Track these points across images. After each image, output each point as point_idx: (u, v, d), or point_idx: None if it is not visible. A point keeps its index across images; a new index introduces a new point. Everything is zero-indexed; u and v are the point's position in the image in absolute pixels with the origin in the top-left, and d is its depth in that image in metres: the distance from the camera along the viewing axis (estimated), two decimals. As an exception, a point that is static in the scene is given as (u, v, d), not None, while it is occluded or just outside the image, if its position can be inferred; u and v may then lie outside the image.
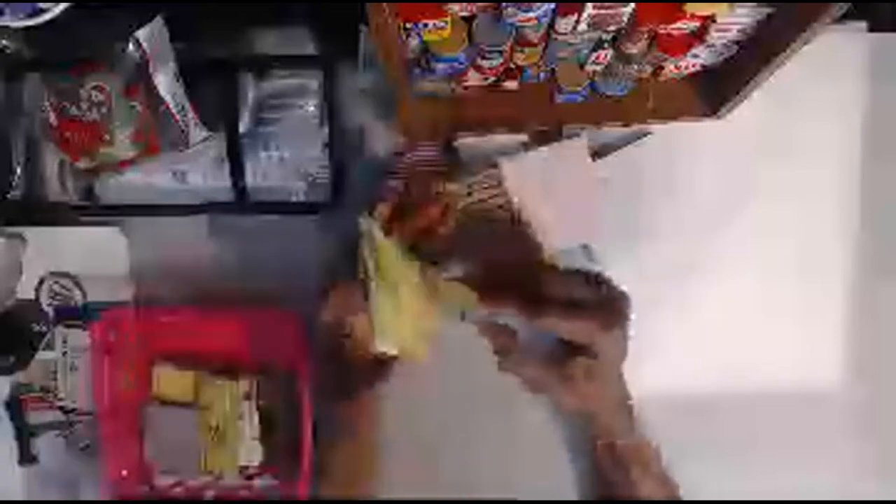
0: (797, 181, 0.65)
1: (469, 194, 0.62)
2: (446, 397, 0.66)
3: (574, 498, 0.64)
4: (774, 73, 0.52)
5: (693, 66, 0.56)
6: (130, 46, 0.61)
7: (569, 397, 0.53)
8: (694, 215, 0.65)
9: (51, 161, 0.66)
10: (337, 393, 0.59)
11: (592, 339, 0.49)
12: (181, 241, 0.67)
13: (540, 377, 0.52)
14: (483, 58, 0.53)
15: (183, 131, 0.63)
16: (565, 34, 0.49)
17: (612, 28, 0.49)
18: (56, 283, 0.68)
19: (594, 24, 0.47)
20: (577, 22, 0.46)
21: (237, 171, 0.64)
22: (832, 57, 0.62)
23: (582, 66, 0.57)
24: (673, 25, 0.48)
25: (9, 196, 0.66)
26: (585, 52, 0.54)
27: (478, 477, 0.65)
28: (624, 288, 0.51)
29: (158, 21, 0.61)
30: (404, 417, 0.64)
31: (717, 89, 0.60)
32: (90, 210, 0.67)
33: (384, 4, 0.43)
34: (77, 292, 0.68)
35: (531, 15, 0.46)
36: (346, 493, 0.60)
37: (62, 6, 0.61)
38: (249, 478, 0.66)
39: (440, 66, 0.54)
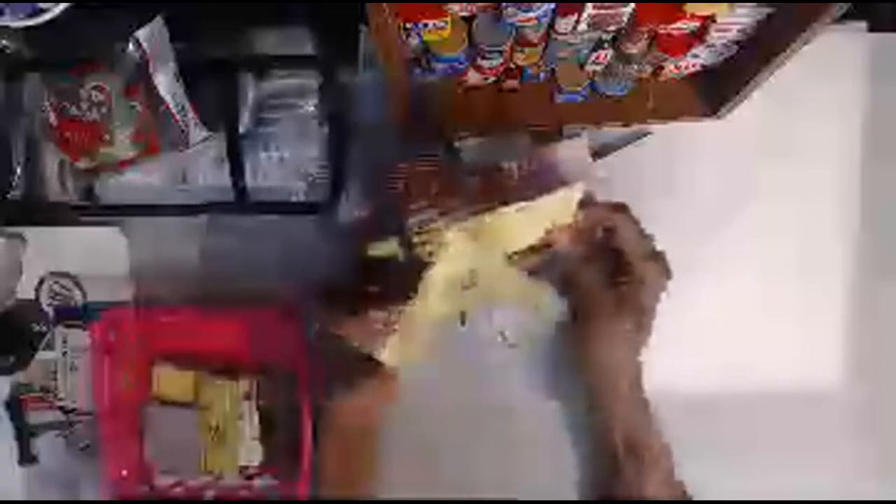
0: (797, 181, 0.65)
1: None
2: (446, 398, 0.66)
3: (574, 498, 0.64)
4: (774, 73, 0.52)
5: (693, 66, 0.56)
6: (130, 46, 0.61)
7: (609, 321, 0.58)
8: (694, 215, 0.65)
9: (51, 161, 0.66)
10: (334, 392, 0.59)
11: (645, 264, 0.56)
12: (181, 241, 0.67)
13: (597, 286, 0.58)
14: (483, 58, 0.53)
15: (183, 131, 0.63)
16: (565, 34, 0.49)
17: (612, 28, 0.49)
18: (56, 283, 0.68)
19: (594, 24, 0.47)
20: (577, 22, 0.46)
21: (237, 171, 0.64)
22: (832, 57, 0.62)
23: (582, 66, 0.57)
24: (673, 25, 0.48)
25: (9, 196, 0.66)
26: (585, 52, 0.54)
27: (478, 477, 0.65)
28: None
29: (158, 21, 0.61)
30: (404, 418, 0.63)
31: (717, 89, 0.60)
32: (90, 210, 0.67)
33: (384, 4, 0.43)
34: (77, 292, 0.68)
35: (531, 15, 0.46)
36: (345, 494, 0.59)
37: (62, 6, 0.61)
38: (249, 478, 0.66)
39: (440, 66, 0.54)
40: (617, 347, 0.58)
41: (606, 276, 0.58)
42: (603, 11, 0.45)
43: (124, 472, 0.64)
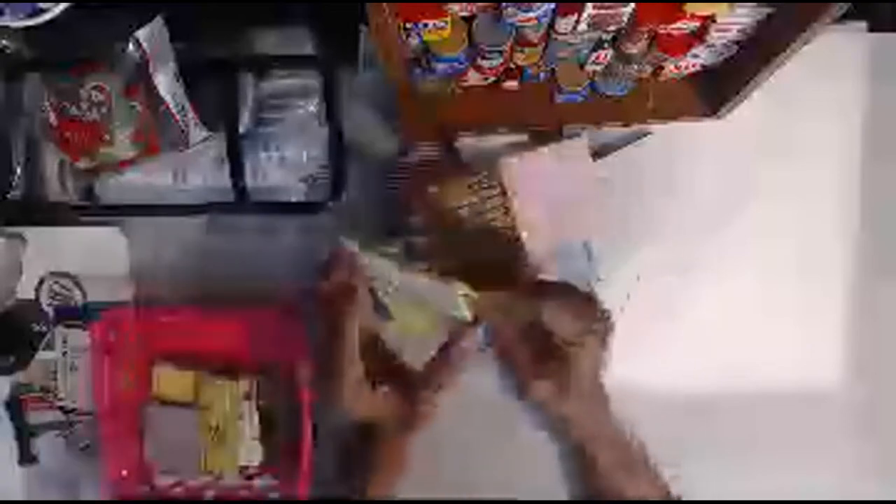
0: (797, 181, 0.65)
1: (471, 189, 0.62)
2: (446, 398, 0.66)
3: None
4: (774, 73, 0.52)
5: (693, 66, 0.56)
6: (130, 46, 0.61)
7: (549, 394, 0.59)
8: (694, 215, 0.65)
9: (51, 161, 0.66)
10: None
11: (580, 350, 0.56)
12: (181, 241, 0.67)
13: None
14: (483, 58, 0.53)
15: (183, 131, 0.63)
16: (565, 34, 0.49)
17: (612, 28, 0.49)
18: (56, 283, 0.68)
19: (594, 24, 0.47)
20: (577, 22, 0.46)
21: (237, 171, 0.64)
22: (832, 57, 0.62)
23: (582, 66, 0.57)
24: (673, 25, 0.48)
25: (9, 196, 0.66)
26: (585, 52, 0.54)
27: (478, 477, 0.65)
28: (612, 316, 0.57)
29: (158, 21, 0.61)
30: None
31: (717, 89, 0.60)
32: (90, 210, 0.67)
33: (384, 4, 0.43)
34: (77, 292, 0.68)
35: (531, 15, 0.46)
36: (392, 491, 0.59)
37: (62, 6, 0.61)
38: (249, 478, 0.66)
39: (440, 66, 0.54)
40: (556, 399, 0.59)
41: (538, 355, 0.59)
42: (603, 11, 0.45)
43: (124, 472, 0.64)
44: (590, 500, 0.63)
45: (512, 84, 0.60)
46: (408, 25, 0.47)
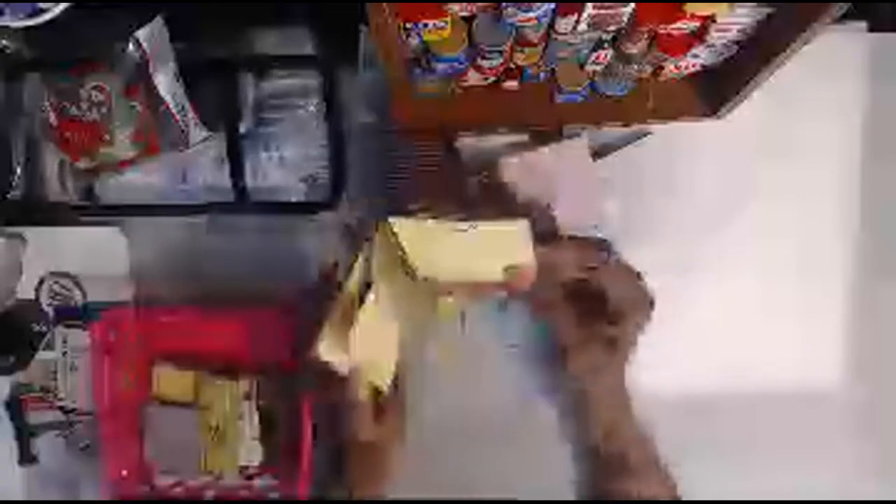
0: (797, 181, 0.65)
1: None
2: (446, 398, 0.66)
3: (574, 498, 0.64)
4: (774, 73, 0.52)
5: (693, 66, 0.56)
6: (130, 46, 0.61)
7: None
8: (694, 215, 0.65)
9: (51, 161, 0.66)
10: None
11: (631, 311, 0.56)
12: (181, 241, 0.67)
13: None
14: (483, 58, 0.53)
15: (183, 131, 0.63)
16: (565, 34, 0.49)
17: (612, 28, 0.49)
18: (56, 283, 0.68)
19: (594, 24, 0.47)
20: (577, 22, 0.46)
21: (237, 171, 0.64)
22: (832, 57, 0.62)
23: (582, 66, 0.57)
24: (673, 25, 0.48)
25: (9, 196, 0.66)
26: (585, 52, 0.54)
27: (478, 477, 0.65)
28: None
29: (158, 21, 0.61)
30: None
31: (717, 89, 0.60)
32: (90, 210, 0.67)
33: (384, 4, 0.43)
34: (77, 292, 0.68)
35: (531, 15, 0.46)
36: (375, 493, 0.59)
37: (62, 6, 0.61)
38: (249, 478, 0.66)
39: (440, 66, 0.54)
40: (594, 373, 0.59)
41: (586, 315, 0.58)
42: (603, 11, 0.45)
43: (124, 472, 0.64)
44: (589, 500, 0.63)
45: (512, 84, 0.60)
46: (408, 25, 0.47)
